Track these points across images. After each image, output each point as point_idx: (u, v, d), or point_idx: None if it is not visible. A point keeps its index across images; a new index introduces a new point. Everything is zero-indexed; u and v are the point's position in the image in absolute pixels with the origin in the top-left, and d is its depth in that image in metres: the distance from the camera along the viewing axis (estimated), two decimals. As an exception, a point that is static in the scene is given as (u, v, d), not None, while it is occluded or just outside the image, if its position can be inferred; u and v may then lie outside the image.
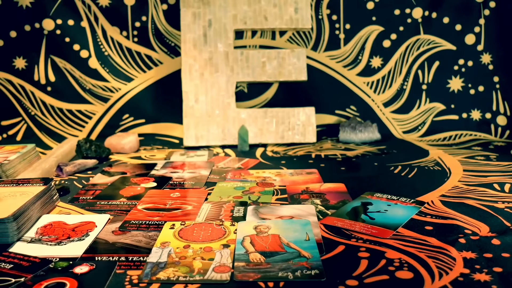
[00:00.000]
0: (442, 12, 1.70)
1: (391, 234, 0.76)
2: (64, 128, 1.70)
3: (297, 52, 1.59)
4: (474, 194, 0.96)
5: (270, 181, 1.10)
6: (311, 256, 0.67)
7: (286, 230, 0.76)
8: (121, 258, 0.68)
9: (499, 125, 1.67)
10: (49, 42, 1.68)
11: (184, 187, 1.08)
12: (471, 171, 1.16)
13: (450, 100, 1.72)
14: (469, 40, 1.70)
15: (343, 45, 1.74)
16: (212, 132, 1.57)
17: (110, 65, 1.71)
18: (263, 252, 0.69)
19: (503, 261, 0.65)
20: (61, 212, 0.91)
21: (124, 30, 1.71)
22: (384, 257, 0.67)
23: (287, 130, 1.58)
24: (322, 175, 1.15)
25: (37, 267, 0.65)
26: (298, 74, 1.59)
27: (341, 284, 0.60)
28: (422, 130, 1.71)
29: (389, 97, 1.75)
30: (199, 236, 0.75)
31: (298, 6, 1.60)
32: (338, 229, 0.79)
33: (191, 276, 0.62)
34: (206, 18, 1.59)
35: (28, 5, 1.65)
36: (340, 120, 1.75)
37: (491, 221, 0.80)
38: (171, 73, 1.74)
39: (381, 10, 1.72)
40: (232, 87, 1.58)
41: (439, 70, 1.73)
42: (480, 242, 0.71)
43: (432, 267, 0.63)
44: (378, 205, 0.90)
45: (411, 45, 1.73)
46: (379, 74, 1.75)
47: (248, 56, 1.58)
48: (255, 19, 1.59)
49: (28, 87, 1.69)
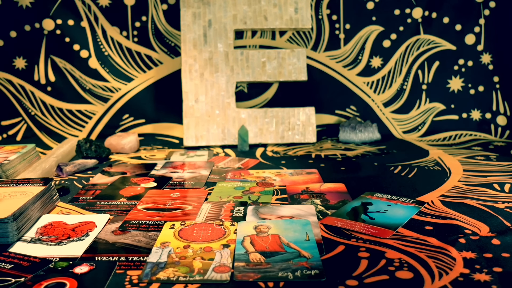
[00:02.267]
0: (442, 12, 1.70)
1: (391, 234, 0.76)
2: (64, 128, 1.70)
3: (297, 52, 1.59)
4: (474, 194, 0.96)
5: (270, 181, 1.10)
6: (311, 256, 0.67)
7: (286, 230, 0.76)
8: (121, 258, 0.68)
9: (499, 125, 1.67)
10: (49, 42, 1.68)
11: (184, 187, 1.08)
12: (471, 171, 1.16)
13: (450, 100, 1.72)
14: (469, 40, 1.70)
15: (343, 45, 1.74)
16: (212, 132, 1.57)
17: (110, 65, 1.71)
18: (263, 252, 0.69)
19: (503, 261, 0.65)
20: (61, 212, 0.91)
21: (124, 30, 1.71)
22: (384, 257, 0.67)
23: (287, 130, 1.58)
24: (322, 175, 1.15)
25: (37, 267, 0.65)
26: (298, 74, 1.59)
27: (341, 284, 0.60)
28: (422, 130, 1.71)
29: (389, 97, 1.75)
30: (199, 236, 0.75)
31: (298, 6, 1.60)
32: (338, 229, 0.78)
33: (191, 276, 0.62)
34: (206, 18, 1.59)
35: (28, 5, 1.65)
36: (340, 120, 1.75)
37: (491, 221, 0.80)
38: (171, 73, 1.74)
39: (381, 10, 1.72)
40: (232, 87, 1.58)
41: (439, 70, 1.73)
42: (480, 242, 0.71)
43: (432, 267, 0.63)
44: (378, 205, 0.90)
45: (411, 45, 1.73)
46: (379, 74, 1.75)
47: (248, 56, 1.59)
48: (255, 19, 1.59)
49: (28, 87, 1.69)
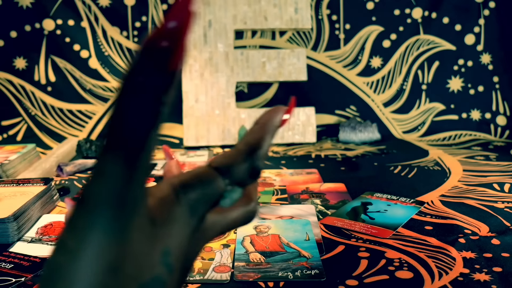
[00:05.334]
0: (442, 12, 1.70)
1: (391, 234, 0.76)
2: (64, 128, 1.70)
3: (297, 52, 1.60)
4: (474, 194, 0.97)
5: (270, 181, 1.11)
6: (311, 256, 0.67)
7: (286, 230, 0.76)
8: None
9: (499, 125, 1.67)
10: (49, 42, 1.68)
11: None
12: (471, 171, 1.16)
13: (450, 100, 1.72)
14: (469, 40, 1.70)
15: (343, 45, 1.75)
16: (212, 132, 1.57)
17: (110, 65, 1.71)
18: (263, 252, 0.69)
19: (503, 261, 0.65)
20: (61, 212, 0.92)
21: (124, 30, 1.71)
22: (384, 257, 0.67)
23: (287, 130, 1.58)
24: (322, 175, 1.16)
25: (37, 267, 0.65)
26: (298, 74, 1.59)
27: (341, 284, 0.60)
28: (422, 130, 1.71)
29: (389, 97, 1.75)
30: (199, 236, 0.75)
31: (298, 6, 1.60)
32: (338, 229, 0.79)
33: (191, 276, 0.62)
34: (206, 18, 1.59)
35: (28, 5, 1.65)
36: (340, 120, 1.75)
37: (491, 221, 0.80)
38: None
39: (381, 10, 1.72)
40: (232, 87, 1.58)
41: (439, 70, 1.73)
42: (480, 242, 0.71)
43: (432, 267, 0.64)
44: (378, 205, 0.90)
45: (411, 45, 1.73)
46: (379, 74, 1.75)
47: (248, 56, 1.59)
48: (255, 19, 1.59)
49: (28, 87, 1.69)
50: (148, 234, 0.22)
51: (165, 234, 0.24)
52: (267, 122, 0.30)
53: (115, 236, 0.20)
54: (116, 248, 0.20)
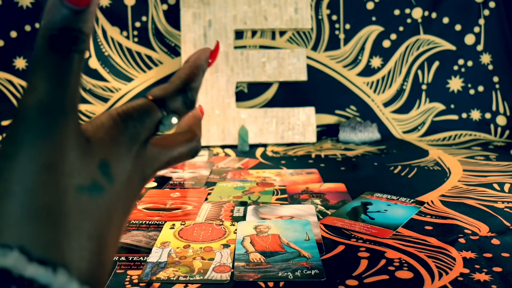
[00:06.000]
0: (442, 12, 1.70)
1: (391, 234, 0.76)
2: (64, 128, 1.70)
3: (297, 52, 1.60)
4: (474, 194, 0.97)
5: (270, 181, 1.10)
6: (311, 256, 0.67)
7: (286, 230, 0.76)
8: (121, 258, 0.68)
9: (499, 125, 1.67)
10: (49, 42, 1.68)
11: (184, 187, 1.08)
12: (471, 171, 1.16)
13: (450, 100, 1.72)
14: (469, 40, 1.70)
15: (343, 45, 1.75)
16: (212, 132, 1.57)
17: (110, 65, 1.71)
18: (263, 252, 0.69)
19: (502, 261, 0.65)
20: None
21: (124, 30, 1.71)
22: (384, 257, 0.67)
23: (287, 130, 1.58)
24: (322, 175, 1.16)
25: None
26: (298, 74, 1.59)
27: (341, 284, 0.60)
28: (422, 130, 1.71)
29: (389, 97, 1.75)
30: (199, 236, 0.75)
31: (298, 6, 1.60)
32: (338, 229, 0.79)
33: (191, 276, 0.62)
34: (206, 18, 1.59)
35: (28, 5, 1.65)
36: (340, 120, 1.75)
37: (491, 221, 0.80)
38: (171, 73, 1.74)
39: (381, 10, 1.72)
40: (232, 87, 1.58)
41: (438, 70, 1.73)
42: (480, 242, 0.71)
43: (432, 267, 0.64)
44: (378, 205, 0.90)
45: (411, 45, 1.73)
46: (379, 74, 1.75)
47: (248, 56, 1.59)
48: (255, 19, 1.59)
49: (28, 87, 1.69)
50: (83, 148, 0.25)
51: (102, 151, 0.26)
52: (196, 60, 0.34)
53: (46, 138, 0.23)
54: (49, 149, 0.23)
